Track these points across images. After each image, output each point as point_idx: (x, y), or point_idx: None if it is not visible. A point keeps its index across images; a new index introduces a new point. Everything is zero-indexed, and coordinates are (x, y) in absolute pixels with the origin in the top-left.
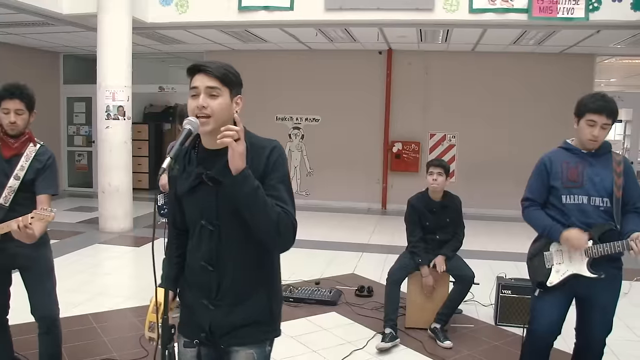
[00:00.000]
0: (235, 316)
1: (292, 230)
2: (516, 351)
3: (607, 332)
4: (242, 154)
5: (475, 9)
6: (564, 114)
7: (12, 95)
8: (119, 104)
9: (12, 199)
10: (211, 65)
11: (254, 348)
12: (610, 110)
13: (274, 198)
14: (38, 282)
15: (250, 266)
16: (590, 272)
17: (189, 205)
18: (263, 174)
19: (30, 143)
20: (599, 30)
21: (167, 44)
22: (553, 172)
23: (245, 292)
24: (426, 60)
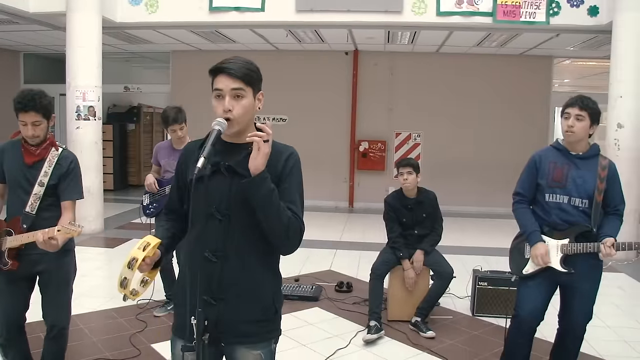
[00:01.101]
0: (240, 313)
1: (300, 235)
2: (494, 339)
3: (587, 319)
4: (266, 156)
5: (442, 12)
6: (524, 114)
7: (26, 108)
8: (90, 104)
9: (38, 206)
10: (233, 66)
11: (261, 348)
12: (581, 102)
13: (287, 202)
14: (55, 290)
15: (255, 261)
16: (562, 267)
17: (198, 192)
18: (278, 178)
19: (52, 148)
20: (559, 33)
21: (134, 44)
22: (541, 170)
23: (249, 288)
24: (392, 60)
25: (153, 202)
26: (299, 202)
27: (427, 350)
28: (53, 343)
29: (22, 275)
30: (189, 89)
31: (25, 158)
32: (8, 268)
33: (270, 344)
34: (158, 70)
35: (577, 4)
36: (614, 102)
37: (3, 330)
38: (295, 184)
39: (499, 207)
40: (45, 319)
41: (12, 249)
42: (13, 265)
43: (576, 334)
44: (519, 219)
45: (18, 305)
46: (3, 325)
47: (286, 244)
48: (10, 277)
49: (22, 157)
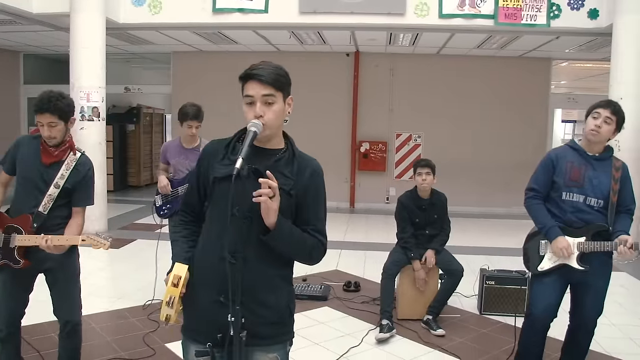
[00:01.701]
0: (257, 315)
1: (323, 253)
2: (503, 337)
3: (598, 314)
4: (276, 211)
5: (444, 14)
6: (523, 115)
7: (42, 110)
8: (94, 105)
9: (50, 207)
10: (263, 72)
11: (277, 350)
12: (614, 107)
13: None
14: (64, 286)
15: (274, 264)
16: (579, 265)
17: (221, 191)
18: (303, 191)
19: (70, 151)
20: (559, 36)
21: (135, 44)
22: (558, 168)
23: (266, 291)
24: (392, 62)
25: (166, 203)
26: (324, 219)
27: (438, 348)
28: (68, 340)
29: (28, 272)
30: (190, 90)
31: (43, 157)
32: (20, 266)
33: (285, 346)
34: (157, 70)
35: (577, 7)
36: None
37: (3, 326)
38: (321, 203)
39: (498, 207)
40: (58, 316)
41: (21, 247)
42: (25, 264)
43: (588, 328)
44: (534, 215)
45: (20, 302)
46: (4, 320)
47: (309, 262)
48: (16, 273)
49: (40, 156)
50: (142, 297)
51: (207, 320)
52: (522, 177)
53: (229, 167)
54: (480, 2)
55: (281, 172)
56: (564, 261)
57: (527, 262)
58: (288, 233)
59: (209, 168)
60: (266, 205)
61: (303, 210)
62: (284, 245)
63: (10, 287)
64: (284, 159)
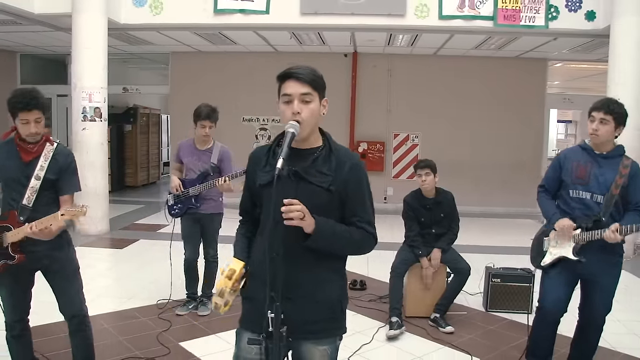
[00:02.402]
0: (305, 312)
1: (373, 244)
2: (511, 333)
3: (607, 311)
4: (310, 224)
5: (444, 16)
6: (520, 115)
7: (29, 106)
8: (96, 106)
9: (35, 199)
10: (302, 72)
11: (327, 344)
12: (607, 107)
13: (359, 214)
14: (66, 282)
15: (321, 263)
16: (574, 256)
17: (267, 196)
18: (343, 185)
19: (47, 143)
20: (557, 37)
21: (134, 45)
22: (564, 168)
23: (315, 289)
24: (390, 62)
25: (178, 202)
26: (370, 209)
27: (448, 345)
28: (78, 336)
29: (26, 270)
30: (188, 90)
31: (22, 156)
32: (16, 261)
33: (335, 340)
34: (154, 71)
35: (575, 8)
36: None
37: (15, 324)
38: (365, 194)
39: (496, 206)
40: (63, 312)
41: (14, 243)
42: (20, 258)
43: (597, 325)
44: (541, 206)
45: (26, 300)
46: (15, 320)
47: (358, 254)
48: (16, 273)
49: (19, 156)
50: (149, 296)
51: (261, 312)
52: (519, 176)
53: (271, 172)
54: (479, 4)
55: (319, 170)
56: (562, 254)
57: (532, 260)
58: (330, 233)
59: (255, 176)
60: (300, 225)
61: (348, 203)
62: (327, 246)
63: (15, 287)
64: (322, 157)
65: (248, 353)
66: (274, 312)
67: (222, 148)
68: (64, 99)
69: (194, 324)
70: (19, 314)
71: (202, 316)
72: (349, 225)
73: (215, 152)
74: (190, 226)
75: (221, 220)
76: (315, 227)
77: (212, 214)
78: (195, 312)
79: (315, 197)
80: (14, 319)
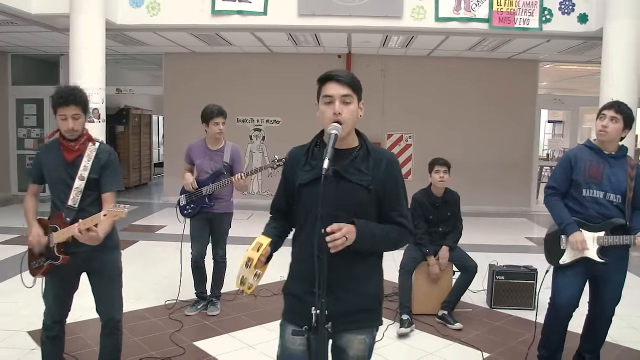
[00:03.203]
0: (347, 305)
1: (410, 238)
2: (517, 329)
3: (616, 302)
4: (353, 237)
5: (440, 18)
6: (512, 116)
7: (67, 102)
8: (95, 107)
9: (80, 199)
10: (342, 74)
11: (366, 334)
12: (618, 106)
13: (397, 209)
14: (107, 286)
15: (361, 258)
16: (599, 258)
17: (308, 195)
18: (382, 183)
19: (89, 142)
20: (550, 39)
21: (128, 45)
22: (577, 167)
23: (355, 283)
24: (384, 63)
25: (190, 202)
26: (405, 204)
27: (457, 341)
28: (110, 338)
29: (72, 271)
30: (182, 91)
31: (65, 156)
32: (61, 262)
33: (373, 331)
34: (145, 72)
35: (568, 11)
36: None
37: (52, 324)
38: (400, 189)
39: (488, 205)
40: (100, 314)
41: (60, 244)
42: (64, 259)
43: (606, 317)
44: (553, 211)
45: (69, 302)
46: (53, 320)
47: (396, 249)
48: (62, 273)
49: (63, 155)
50: (156, 297)
51: (304, 307)
52: (511, 176)
53: (311, 172)
54: (475, 6)
55: (358, 169)
56: (585, 254)
57: (548, 256)
58: (370, 236)
59: (293, 175)
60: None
61: (386, 200)
62: (367, 248)
63: (58, 287)
64: (360, 156)
65: (292, 343)
66: (318, 308)
67: (233, 147)
68: None
69: (205, 323)
70: (59, 316)
71: (212, 316)
72: (386, 220)
73: (227, 151)
74: (201, 226)
75: (231, 220)
76: (357, 235)
77: (223, 214)
78: (204, 312)
79: (355, 195)
80: (54, 320)
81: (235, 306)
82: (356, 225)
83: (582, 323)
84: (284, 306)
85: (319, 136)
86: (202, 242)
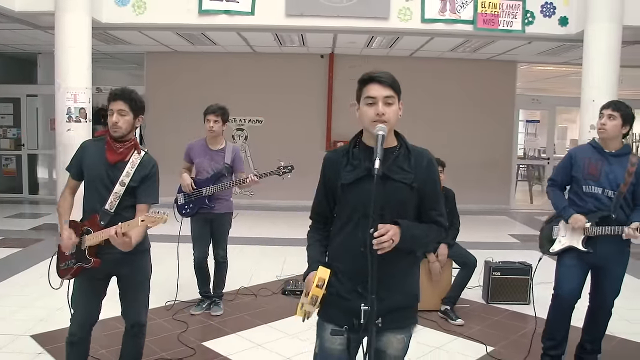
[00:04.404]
0: (391, 301)
1: (444, 236)
2: (516, 323)
3: (616, 295)
4: (398, 239)
5: (426, 19)
6: (492, 115)
7: (115, 97)
8: (81, 106)
9: (117, 204)
10: (384, 76)
11: (405, 333)
12: (614, 105)
13: (437, 208)
14: (135, 290)
15: (403, 255)
16: (583, 247)
17: (352, 194)
18: (423, 182)
19: (135, 150)
20: (531, 41)
21: (110, 44)
22: (576, 165)
23: (399, 280)
24: (367, 63)
25: (189, 202)
26: (442, 203)
27: (461, 336)
28: (134, 340)
29: (102, 275)
30: (164, 91)
31: (108, 155)
32: (91, 265)
33: (410, 329)
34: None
35: (549, 14)
36: (586, 106)
37: (77, 330)
38: (438, 187)
39: (471, 204)
40: (126, 319)
41: (92, 247)
42: (95, 262)
43: (607, 309)
44: (552, 198)
45: (95, 307)
46: (79, 324)
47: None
48: (91, 276)
49: (105, 155)
50: (156, 298)
51: (346, 306)
52: (492, 175)
53: (353, 172)
54: (460, 8)
55: (401, 168)
56: (572, 244)
57: (541, 245)
58: (410, 236)
59: (335, 176)
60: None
61: (426, 197)
62: (407, 247)
63: (87, 291)
64: (401, 155)
65: (332, 343)
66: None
67: (235, 148)
68: (33, 99)
69: (210, 323)
70: (86, 321)
71: (216, 316)
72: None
73: (228, 152)
74: (201, 227)
75: (231, 220)
76: (401, 231)
77: (224, 214)
78: (207, 312)
79: (399, 193)
80: (80, 325)
81: (237, 306)
82: (400, 226)
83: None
84: (322, 305)
85: (356, 138)
86: (204, 243)
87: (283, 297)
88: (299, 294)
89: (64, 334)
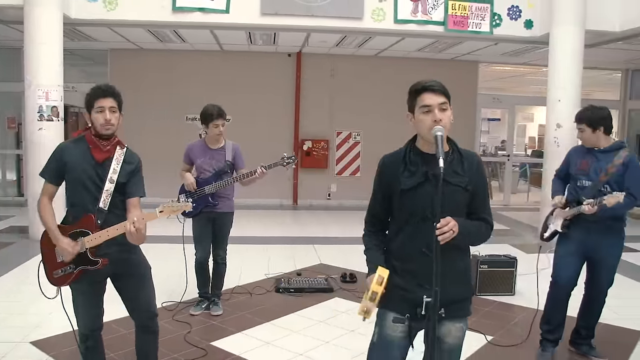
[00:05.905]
0: (451, 295)
1: (491, 233)
2: (506, 313)
3: (610, 285)
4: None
5: (399, 20)
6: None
7: (106, 94)
8: (53, 104)
9: (109, 202)
10: (435, 85)
11: (463, 322)
12: (577, 117)
13: (486, 207)
14: (140, 282)
15: (460, 252)
16: (561, 229)
17: (413, 199)
18: (475, 184)
19: (118, 146)
20: (497, 42)
21: (74, 41)
22: (571, 162)
23: (458, 274)
24: (333, 62)
25: (192, 201)
26: (489, 202)
27: None
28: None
29: (102, 276)
30: (129, 89)
31: (95, 155)
32: (99, 266)
33: (466, 319)
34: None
35: (515, 17)
36: (552, 106)
37: (87, 336)
38: (487, 188)
39: None
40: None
41: (92, 248)
42: (104, 262)
43: (601, 297)
44: (552, 187)
45: (100, 307)
46: (88, 330)
47: (481, 243)
48: (91, 279)
49: (90, 154)
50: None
51: (409, 298)
52: None
53: (412, 178)
54: (431, 9)
55: (455, 171)
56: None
57: (541, 236)
58: (467, 232)
59: (394, 181)
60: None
61: (477, 198)
62: (462, 243)
63: (87, 294)
64: (455, 159)
65: (393, 330)
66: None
67: (234, 145)
68: None
69: (212, 323)
70: (95, 324)
71: (217, 316)
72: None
73: (228, 149)
74: (204, 226)
75: (233, 219)
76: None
77: (226, 213)
78: (207, 312)
79: (456, 196)
80: (90, 329)
81: (235, 305)
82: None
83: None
84: (386, 296)
85: (410, 142)
86: (206, 244)
87: (277, 294)
88: (292, 292)
89: (64, 339)
